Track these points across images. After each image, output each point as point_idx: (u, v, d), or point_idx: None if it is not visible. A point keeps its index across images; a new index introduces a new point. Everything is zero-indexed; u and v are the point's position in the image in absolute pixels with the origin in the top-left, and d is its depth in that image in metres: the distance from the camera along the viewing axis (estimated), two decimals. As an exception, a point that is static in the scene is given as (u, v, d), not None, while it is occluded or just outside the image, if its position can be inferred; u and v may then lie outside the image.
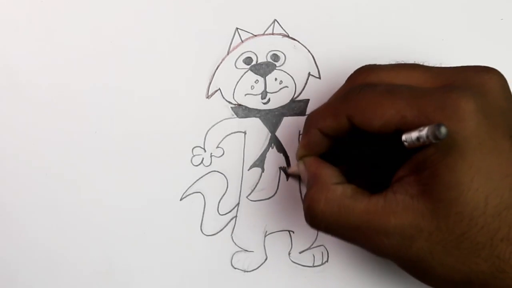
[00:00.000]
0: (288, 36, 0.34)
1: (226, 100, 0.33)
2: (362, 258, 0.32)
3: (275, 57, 0.34)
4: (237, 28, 0.34)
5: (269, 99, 0.33)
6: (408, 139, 0.22)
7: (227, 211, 0.33)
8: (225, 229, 0.33)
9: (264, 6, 0.34)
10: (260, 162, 0.33)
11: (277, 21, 0.34)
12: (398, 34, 0.34)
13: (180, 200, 0.33)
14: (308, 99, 0.33)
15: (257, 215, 0.33)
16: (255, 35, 0.34)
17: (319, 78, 0.34)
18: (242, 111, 0.33)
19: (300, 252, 0.33)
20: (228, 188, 0.33)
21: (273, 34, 0.34)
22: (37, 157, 0.33)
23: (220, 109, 0.33)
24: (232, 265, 0.32)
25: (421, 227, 0.23)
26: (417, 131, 0.22)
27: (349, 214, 0.24)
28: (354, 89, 0.25)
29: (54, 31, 0.34)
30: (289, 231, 0.33)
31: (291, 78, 0.34)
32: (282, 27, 0.34)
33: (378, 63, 0.27)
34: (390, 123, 0.23)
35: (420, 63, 0.26)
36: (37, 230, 0.32)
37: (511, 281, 0.23)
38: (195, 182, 0.33)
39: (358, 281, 0.32)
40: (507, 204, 0.22)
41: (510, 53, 0.34)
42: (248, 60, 0.34)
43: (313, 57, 0.34)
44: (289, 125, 0.33)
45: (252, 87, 0.33)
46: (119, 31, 0.34)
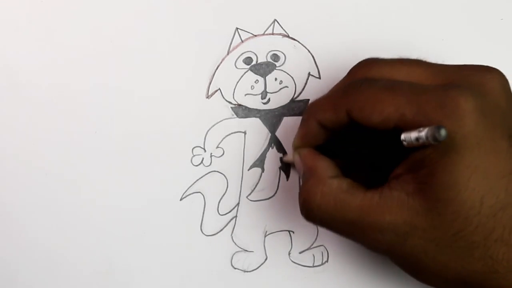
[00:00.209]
0: (288, 36, 0.34)
1: (226, 100, 0.33)
2: (362, 258, 0.32)
3: (275, 57, 0.34)
4: (237, 28, 0.34)
5: (269, 99, 0.33)
6: (407, 138, 0.22)
7: (227, 211, 0.33)
8: (225, 229, 0.33)
9: (264, 6, 0.34)
10: (260, 162, 0.33)
11: (277, 21, 0.34)
12: (398, 34, 0.34)
13: (180, 200, 0.33)
14: (308, 99, 0.33)
15: (257, 215, 0.33)
16: (255, 35, 0.34)
17: (319, 78, 0.34)
18: (242, 111, 0.33)
19: (300, 252, 0.33)
20: (228, 188, 0.33)
21: (273, 34, 0.34)
22: (37, 157, 0.33)
23: (220, 109, 0.33)
24: (232, 265, 0.32)
25: (416, 224, 0.23)
26: (416, 132, 0.22)
27: (345, 208, 0.24)
28: (355, 83, 0.25)
29: (54, 31, 0.34)
30: (289, 231, 0.33)
31: (291, 78, 0.34)
32: (282, 27, 0.34)
33: (380, 57, 0.27)
34: (389, 120, 0.23)
35: (422, 60, 0.26)
36: (37, 230, 0.32)
37: (503, 282, 0.23)
38: (195, 182, 0.33)
39: (358, 281, 0.32)
40: (503, 205, 0.22)
41: (510, 53, 0.34)
42: (248, 60, 0.34)
43: (313, 57, 0.34)
44: (289, 125, 0.33)
45: (252, 87, 0.33)
46: (119, 31, 0.34)
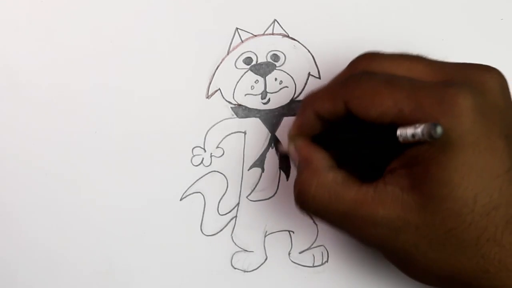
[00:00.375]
0: (288, 36, 0.34)
1: (226, 100, 0.33)
2: (362, 258, 0.32)
3: (275, 57, 0.34)
4: (237, 28, 0.34)
5: (269, 99, 0.33)
6: (402, 134, 0.22)
7: (227, 211, 0.33)
8: (225, 229, 0.33)
9: (264, 6, 0.34)
10: (260, 162, 0.33)
11: (277, 21, 0.34)
12: (398, 34, 0.34)
13: (180, 200, 0.33)
14: (308, 99, 0.33)
15: (257, 215, 0.33)
16: (255, 35, 0.34)
17: (319, 78, 0.34)
18: (242, 111, 0.33)
19: (300, 252, 0.33)
20: (228, 188, 0.33)
21: (273, 34, 0.34)
22: (37, 157, 0.33)
23: (220, 109, 0.33)
24: (232, 265, 0.32)
25: (409, 220, 0.23)
26: (412, 128, 0.22)
27: (339, 200, 0.24)
28: (355, 76, 0.25)
29: (54, 31, 0.34)
30: (289, 231, 0.33)
31: (291, 78, 0.34)
32: (282, 27, 0.34)
33: (381, 51, 0.27)
34: (386, 114, 0.23)
35: (422, 56, 0.26)
36: (37, 230, 0.32)
37: (494, 281, 0.23)
38: (195, 182, 0.33)
39: (358, 281, 0.32)
40: (496, 204, 0.22)
41: (510, 53, 0.34)
42: (248, 60, 0.34)
43: (313, 57, 0.34)
44: (289, 125, 0.33)
45: (252, 87, 0.33)
46: (119, 31, 0.34)
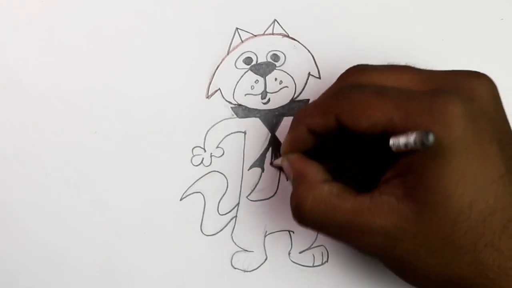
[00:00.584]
0: (288, 36, 0.34)
1: (226, 100, 0.33)
2: (362, 258, 0.32)
3: (275, 57, 0.34)
4: (237, 28, 0.34)
5: (269, 99, 0.33)
6: (395, 143, 0.22)
7: (227, 211, 0.33)
8: (225, 229, 0.33)
9: (264, 6, 0.34)
10: (260, 162, 0.33)
11: (277, 21, 0.34)
12: (398, 34, 0.34)
13: (180, 200, 0.33)
14: (308, 99, 0.34)
15: (257, 215, 0.33)
16: (255, 35, 0.34)
17: (319, 78, 0.34)
18: (242, 111, 0.33)
19: (300, 252, 0.33)
20: (228, 188, 0.33)
21: (273, 34, 0.34)
22: (37, 157, 0.33)
23: (220, 109, 0.33)
24: (232, 265, 0.32)
25: (405, 229, 0.23)
26: (404, 137, 0.22)
27: (336, 212, 0.25)
28: (344, 89, 0.25)
29: (54, 31, 0.34)
30: (289, 231, 0.33)
31: (291, 78, 0.34)
32: (282, 27, 0.34)
33: (370, 63, 0.27)
34: (377, 125, 0.23)
35: (412, 65, 0.26)
36: (37, 230, 0.32)
37: (494, 287, 0.23)
38: (195, 182, 0.33)
39: (358, 281, 0.32)
40: (492, 210, 0.22)
41: (510, 53, 0.34)
42: (248, 60, 0.34)
43: (313, 57, 0.34)
44: (289, 125, 0.33)
45: (252, 87, 0.33)
46: (119, 31, 0.34)
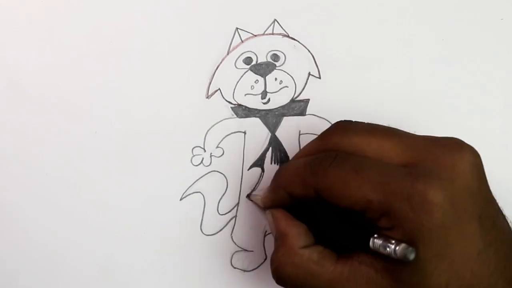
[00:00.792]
0: (288, 36, 0.34)
1: (226, 100, 0.33)
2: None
3: (275, 57, 0.34)
4: (237, 28, 0.34)
5: (269, 99, 0.33)
6: (376, 245, 0.23)
7: (227, 211, 0.33)
8: (225, 229, 0.33)
9: (264, 6, 0.34)
10: (260, 162, 0.33)
11: (277, 21, 0.34)
12: (398, 34, 0.34)
13: (180, 200, 0.33)
14: (308, 99, 0.34)
15: (257, 215, 0.33)
16: (255, 35, 0.34)
17: (319, 78, 0.34)
18: (242, 111, 0.33)
19: (300, 252, 0.33)
20: (228, 188, 0.33)
21: (273, 34, 0.34)
22: (37, 157, 0.33)
23: (220, 109, 0.33)
24: (231, 264, 0.32)
25: None
26: (385, 242, 0.22)
27: (315, 280, 0.25)
28: (324, 161, 0.25)
29: (54, 31, 0.34)
30: (289, 231, 0.33)
31: (291, 78, 0.34)
32: (282, 27, 0.34)
33: (353, 121, 0.27)
34: (356, 205, 0.23)
35: (393, 130, 0.26)
36: (37, 230, 0.32)
37: None
38: (195, 182, 0.33)
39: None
40: (468, 285, 0.23)
41: (510, 53, 0.34)
42: (248, 60, 0.34)
43: (313, 57, 0.34)
44: (289, 125, 0.33)
45: (252, 87, 0.33)
46: (119, 31, 0.34)
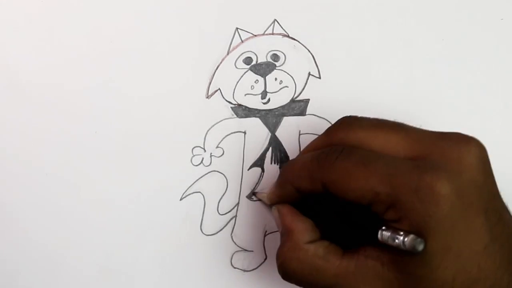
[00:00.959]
0: (288, 36, 0.34)
1: (226, 100, 0.33)
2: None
3: (275, 57, 0.34)
4: (237, 28, 0.34)
5: (269, 99, 0.33)
6: (384, 238, 0.23)
7: (227, 211, 0.33)
8: (225, 229, 0.33)
9: (264, 6, 0.34)
10: (260, 162, 0.33)
11: (277, 21, 0.34)
12: (398, 34, 0.34)
13: (180, 200, 0.33)
14: (308, 99, 0.34)
15: (256, 215, 0.33)
16: (255, 35, 0.34)
17: (319, 78, 0.34)
18: (242, 111, 0.33)
19: (300, 252, 0.33)
20: (228, 188, 0.33)
21: (273, 34, 0.34)
22: (37, 157, 0.33)
23: (220, 109, 0.33)
24: (231, 264, 0.32)
25: None
26: (394, 234, 0.22)
27: (320, 275, 0.25)
28: (331, 155, 0.25)
29: (54, 31, 0.34)
30: (289, 231, 0.33)
31: (291, 78, 0.34)
32: (282, 27, 0.34)
33: (359, 117, 0.27)
34: (363, 198, 0.23)
35: (400, 124, 0.26)
36: (37, 230, 0.32)
37: None
38: (195, 182, 0.33)
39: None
40: (475, 280, 0.22)
41: (510, 53, 0.34)
42: (248, 60, 0.34)
43: (313, 57, 0.34)
44: (289, 125, 0.33)
45: (252, 87, 0.33)
46: (119, 31, 0.34)
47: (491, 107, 0.34)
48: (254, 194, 0.32)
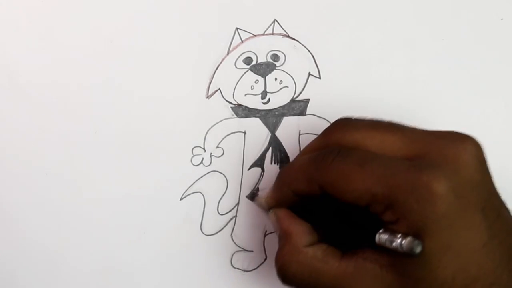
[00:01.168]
0: (288, 36, 0.34)
1: (226, 100, 0.33)
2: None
3: (275, 57, 0.34)
4: (237, 28, 0.34)
5: (269, 99, 0.33)
6: (381, 240, 0.23)
7: (227, 211, 0.33)
8: (225, 229, 0.33)
9: (264, 6, 0.34)
10: (260, 162, 0.33)
11: (277, 21, 0.34)
12: (398, 34, 0.34)
13: (180, 200, 0.33)
14: (308, 99, 0.34)
15: (256, 215, 0.33)
16: (255, 35, 0.34)
17: (319, 78, 0.34)
18: (242, 111, 0.33)
19: (300, 252, 0.33)
20: (228, 188, 0.33)
21: (273, 34, 0.34)
22: (37, 157, 0.33)
23: (220, 109, 0.33)
24: (231, 264, 0.32)
25: None
26: (391, 237, 0.22)
27: (319, 278, 0.25)
28: (327, 157, 0.25)
29: (54, 31, 0.34)
30: (289, 231, 0.33)
31: (291, 78, 0.34)
32: (282, 27, 0.34)
33: (355, 117, 0.27)
34: (361, 199, 0.23)
35: (396, 124, 0.26)
36: (37, 230, 0.32)
37: None
38: (195, 182, 0.33)
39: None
40: (474, 278, 0.22)
41: (510, 53, 0.34)
42: (248, 60, 0.34)
43: (313, 57, 0.34)
44: (289, 125, 0.33)
45: (252, 87, 0.33)
46: (119, 31, 0.34)
47: (491, 107, 0.34)
48: (254, 195, 0.32)
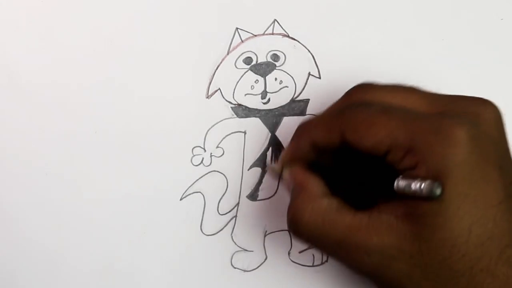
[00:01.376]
0: (288, 36, 0.34)
1: (226, 100, 0.33)
2: (362, 258, 0.32)
3: (275, 57, 0.34)
4: (237, 28, 0.34)
5: (269, 99, 0.33)
6: (400, 186, 0.23)
7: (227, 211, 0.33)
8: (225, 229, 0.33)
9: (264, 6, 0.34)
10: (260, 162, 0.33)
11: (277, 21, 0.34)
12: (398, 33, 0.34)
13: (180, 200, 0.33)
14: (308, 99, 0.34)
15: (257, 215, 0.33)
16: (255, 35, 0.34)
17: (319, 78, 0.34)
18: (242, 111, 0.33)
19: (300, 252, 0.33)
20: (228, 188, 0.33)
21: (273, 34, 0.34)
22: (37, 157, 0.33)
23: (220, 109, 0.33)
24: (232, 264, 0.32)
25: (403, 248, 0.23)
26: (410, 182, 0.22)
27: (333, 227, 0.24)
28: (351, 105, 0.25)
29: (54, 31, 0.34)
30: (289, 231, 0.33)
31: (291, 78, 0.34)
32: (282, 27, 0.34)
33: (376, 81, 0.27)
34: (381, 144, 0.23)
35: (417, 87, 0.26)
36: (37, 230, 0.32)
37: None
38: (195, 182, 0.33)
39: (357, 280, 0.32)
40: (490, 234, 0.22)
41: (510, 53, 0.34)
42: (248, 60, 0.34)
43: (313, 57, 0.34)
44: (289, 125, 0.33)
45: (252, 87, 0.33)
46: (119, 31, 0.34)
47: (491, 107, 0.34)
48: (254, 195, 0.32)
